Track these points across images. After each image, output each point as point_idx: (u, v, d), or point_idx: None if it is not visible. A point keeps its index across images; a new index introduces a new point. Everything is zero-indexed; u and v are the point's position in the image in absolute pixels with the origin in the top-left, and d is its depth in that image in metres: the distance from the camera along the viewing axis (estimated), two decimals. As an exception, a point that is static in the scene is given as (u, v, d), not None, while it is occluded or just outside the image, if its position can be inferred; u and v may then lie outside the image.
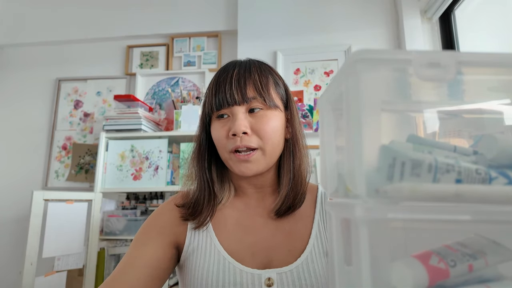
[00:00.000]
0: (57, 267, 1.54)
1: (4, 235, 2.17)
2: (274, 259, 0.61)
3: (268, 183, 0.68)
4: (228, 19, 2.23)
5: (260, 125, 0.61)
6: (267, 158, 0.62)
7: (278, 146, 0.64)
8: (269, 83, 0.64)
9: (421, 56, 0.27)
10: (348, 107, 0.28)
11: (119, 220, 1.82)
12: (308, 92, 2.00)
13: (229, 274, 0.59)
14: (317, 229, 0.65)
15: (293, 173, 0.65)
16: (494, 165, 0.28)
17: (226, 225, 0.66)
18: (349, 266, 0.30)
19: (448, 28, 1.78)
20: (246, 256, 0.62)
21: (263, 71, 0.65)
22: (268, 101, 0.62)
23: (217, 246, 0.63)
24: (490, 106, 0.33)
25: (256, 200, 0.69)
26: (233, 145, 0.60)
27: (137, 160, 1.89)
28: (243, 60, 0.67)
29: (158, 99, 2.25)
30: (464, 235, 0.30)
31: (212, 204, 0.65)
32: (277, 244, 0.63)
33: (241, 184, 0.69)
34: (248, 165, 0.61)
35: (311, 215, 0.67)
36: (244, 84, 0.62)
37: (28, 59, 2.44)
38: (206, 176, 0.66)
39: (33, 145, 2.29)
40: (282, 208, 0.64)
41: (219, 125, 0.63)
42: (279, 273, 0.59)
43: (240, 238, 0.64)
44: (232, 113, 0.62)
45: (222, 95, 0.61)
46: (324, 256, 0.62)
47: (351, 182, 0.28)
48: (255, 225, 0.66)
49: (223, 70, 0.65)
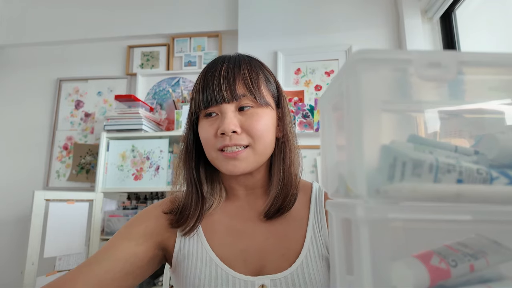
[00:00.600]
0: (58, 267, 1.54)
1: (5, 235, 2.17)
2: (268, 264, 0.59)
3: (259, 184, 0.66)
4: (229, 19, 2.23)
5: (250, 124, 0.58)
6: (257, 156, 0.59)
7: (269, 145, 0.61)
8: (260, 80, 0.61)
9: (422, 56, 0.27)
10: (348, 107, 0.28)
11: (120, 220, 1.82)
12: (308, 92, 2.00)
13: (221, 282, 0.57)
14: (312, 232, 0.62)
15: (283, 173, 0.62)
16: (495, 165, 0.28)
17: (218, 231, 0.63)
18: (349, 265, 0.30)
19: (448, 28, 1.78)
20: (239, 262, 0.59)
21: (253, 66, 0.62)
22: (259, 99, 0.59)
23: (209, 252, 0.60)
24: (491, 106, 0.33)
25: (248, 202, 0.66)
26: (222, 143, 0.57)
27: (138, 160, 1.90)
28: (232, 55, 0.64)
29: (159, 99, 2.25)
30: (465, 235, 0.30)
31: (200, 208, 0.62)
32: (271, 248, 0.60)
33: (232, 185, 0.66)
34: (236, 163, 0.58)
35: (305, 217, 0.64)
36: (233, 80, 0.58)
37: (29, 59, 2.45)
38: (194, 177, 0.63)
39: (34, 145, 2.29)
40: (271, 210, 0.61)
41: (207, 124, 0.60)
42: (273, 279, 0.57)
43: (232, 244, 0.61)
44: (221, 111, 0.59)
45: (210, 92, 0.58)
46: (320, 260, 0.59)
47: (352, 182, 0.28)
48: (247, 229, 0.63)
49: (211, 65, 0.62)
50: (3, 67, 2.45)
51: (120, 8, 2.36)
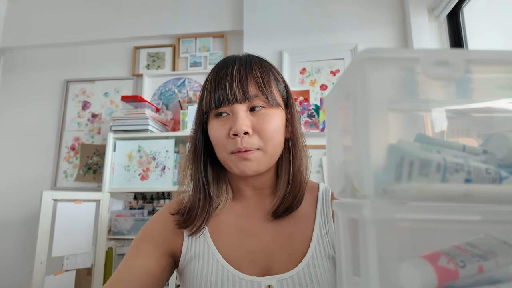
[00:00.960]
0: (66, 266, 1.56)
1: (14, 235, 2.20)
2: (274, 264, 0.59)
3: (267, 184, 0.66)
4: (234, 19, 2.24)
5: (262, 125, 0.58)
6: (268, 158, 0.60)
7: (279, 146, 0.61)
8: (271, 80, 0.61)
9: (429, 55, 0.26)
10: (355, 107, 0.28)
11: (126, 220, 1.83)
12: (314, 92, 1.99)
13: (228, 283, 0.57)
14: (319, 231, 0.62)
15: (292, 173, 0.62)
16: (504, 164, 0.28)
17: (224, 231, 0.63)
18: (356, 266, 0.30)
19: (456, 26, 1.76)
20: (245, 263, 0.59)
21: (264, 67, 0.62)
22: (271, 99, 0.59)
23: (215, 253, 0.60)
24: (500, 104, 0.33)
25: (255, 203, 0.66)
26: (234, 147, 0.57)
27: (144, 160, 1.91)
28: (242, 56, 0.64)
29: (165, 99, 2.26)
30: (474, 236, 0.29)
31: (207, 209, 0.62)
32: (277, 248, 0.60)
33: (239, 185, 0.66)
34: (248, 163, 0.58)
35: (312, 217, 0.64)
36: (246, 80, 0.58)
37: (36, 61, 2.48)
38: (202, 178, 0.63)
39: (42, 146, 2.32)
40: (280, 209, 0.61)
41: (218, 124, 0.59)
42: (280, 279, 0.57)
43: (239, 244, 0.61)
44: (233, 111, 0.58)
45: (222, 92, 0.58)
46: (327, 260, 0.59)
47: (358, 182, 0.28)
48: (254, 229, 0.63)
49: (222, 65, 0.62)
50: (11, 69, 2.49)
51: (125, 10, 2.38)
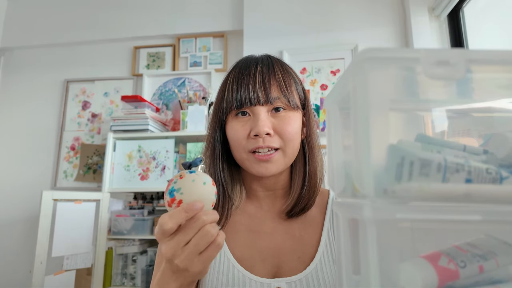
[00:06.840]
0: (66, 266, 1.56)
1: (14, 234, 2.20)
2: (284, 265, 0.60)
3: (280, 185, 0.66)
4: (234, 19, 2.23)
5: (283, 127, 0.59)
6: (287, 159, 0.60)
7: (297, 147, 0.62)
8: (292, 83, 0.62)
9: (430, 54, 0.26)
10: (355, 106, 0.28)
11: (126, 220, 1.83)
12: (314, 92, 1.99)
13: (238, 283, 0.58)
14: (327, 236, 0.62)
15: (309, 175, 0.63)
16: (505, 164, 0.28)
17: (237, 231, 0.64)
18: (356, 265, 0.30)
19: (456, 26, 1.75)
20: (256, 263, 0.60)
21: (285, 69, 0.63)
22: (291, 102, 0.60)
23: (227, 253, 0.61)
24: (500, 104, 0.33)
25: (267, 203, 0.67)
26: (255, 145, 0.58)
27: (144, 160, 1.91)
28: (263, 57, 0.65)
29: (165, 99, 2.26)
30: (474, 236, 0.29)
31: (227, 207, 0.63)
32: (287, 250, 0.61)
33: (253, 186, 0.67)
34: (267, 165, 0.58)
35: (321, 222, 0.65)
36: (269, 83, 0.59)
37: (36, 61, 2.48)
38: (221, 177, 0.63)
39: (42, 145, 2.32)
40: (295, 209, 0.62)
41: (238, 125, 0.60)
42: (289, 282, 0.57)
43: (250, 244, 0.62)
44: (254, 112, 0.59)
45: (245, 93, 0.58)
46: (334, 264, 0.60)
47: (359, 182, 0.28)
48: (265, 229, 0.64)
49: (244, 66, 0.62)
50: (11, 69, 2.49)
51: (126, 10, 2.38)
